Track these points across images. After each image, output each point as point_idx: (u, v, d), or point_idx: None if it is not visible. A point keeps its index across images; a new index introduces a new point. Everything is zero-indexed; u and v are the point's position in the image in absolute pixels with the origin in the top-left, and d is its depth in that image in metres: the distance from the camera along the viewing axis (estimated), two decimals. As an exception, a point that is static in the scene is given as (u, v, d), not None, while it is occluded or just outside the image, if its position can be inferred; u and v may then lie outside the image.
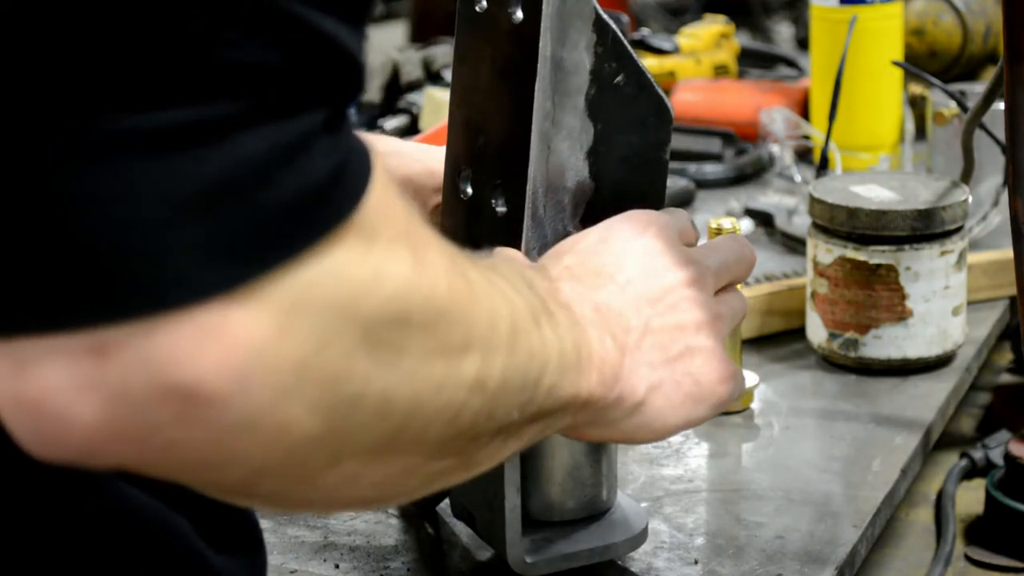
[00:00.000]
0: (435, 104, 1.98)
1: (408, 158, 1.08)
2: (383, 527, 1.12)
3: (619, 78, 0.95)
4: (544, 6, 0.91)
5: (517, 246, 0.94)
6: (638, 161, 0.97)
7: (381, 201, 0.64)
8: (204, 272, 0.57)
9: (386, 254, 0.63)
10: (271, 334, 0.59)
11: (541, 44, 0.91)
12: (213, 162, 0.57)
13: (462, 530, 1.09)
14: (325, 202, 0.61)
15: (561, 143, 0.94)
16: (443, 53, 2.14)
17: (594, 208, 0.97)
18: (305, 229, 0.60)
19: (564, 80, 0.93)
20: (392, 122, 2.04)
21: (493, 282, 0.74)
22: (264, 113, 0.58)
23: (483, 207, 0.97)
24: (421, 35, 2.94)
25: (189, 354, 0.57)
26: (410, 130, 2.02)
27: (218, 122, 0.57)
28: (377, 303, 0.63)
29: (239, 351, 0.58)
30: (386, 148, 1.09)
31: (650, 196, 0.99)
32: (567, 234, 0.96)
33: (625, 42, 0.94)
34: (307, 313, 0.60)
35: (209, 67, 0.57)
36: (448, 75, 2.09)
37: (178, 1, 0.56)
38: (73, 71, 0.56)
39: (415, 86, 2.08)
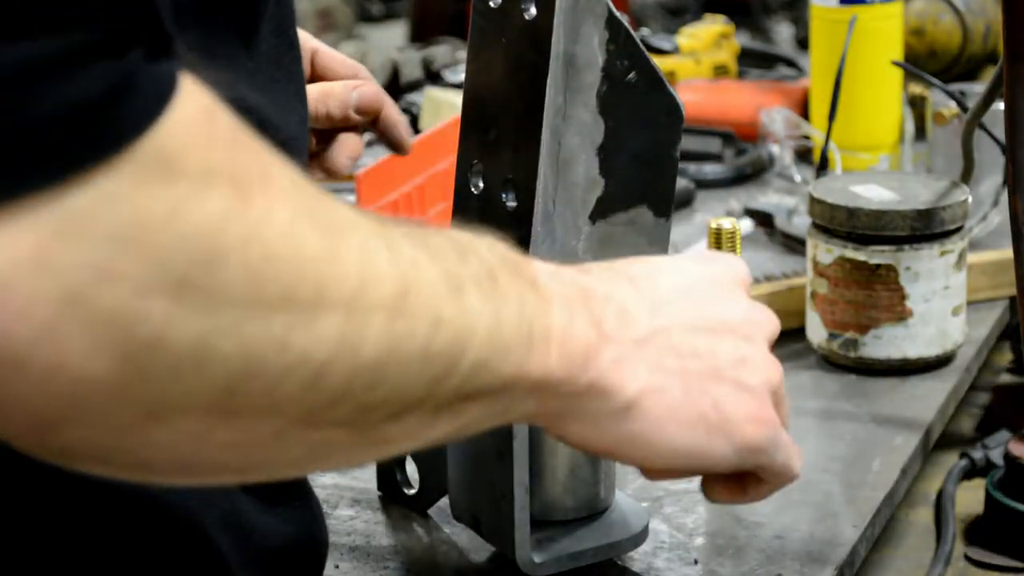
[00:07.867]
0: (435, 104, 1.98)
1: None
2: (383, 527, 1.12)
3: (631, 75, 0.96)
4: (557, 3, 0.92)
5: (527, 240, 0.94)
6: (648, 159, 0.98)
7: (191, 131, 0.58)
8: None
9: (192, 188, 0.58)
10: (27, 260, 0.54)
11: (554, 40, 0.92)
12: None
13: (460, 531, 1.08)
14: (98, 124, 0.55)
15: (572, 138, 0.95)
16: (443, 53, 2.15)
17: (604, 204, 0.97)
18: (71, 149, 0.55)
19: (576, 76, 0.94)
20: (392, 122, 2.04)
21: (391, 245, 0.66)
22: (20, 30, 0.54)
23: (494, 201, 0.98)
24: (421, 35, 2.93)
25: None
26: (410, 130, 2.02)
27: None
28: (175, 239, 0.57)
29: None
30: None
31: (659, 194, 0.99)
32: (577, 229, 0.96)
33: (637, 40, 0.95)
34: (76, 241, 0.55)
35: None
36: (448, 75, 2.09)
37: None
38: None
39: (415, 86, 2.09)
